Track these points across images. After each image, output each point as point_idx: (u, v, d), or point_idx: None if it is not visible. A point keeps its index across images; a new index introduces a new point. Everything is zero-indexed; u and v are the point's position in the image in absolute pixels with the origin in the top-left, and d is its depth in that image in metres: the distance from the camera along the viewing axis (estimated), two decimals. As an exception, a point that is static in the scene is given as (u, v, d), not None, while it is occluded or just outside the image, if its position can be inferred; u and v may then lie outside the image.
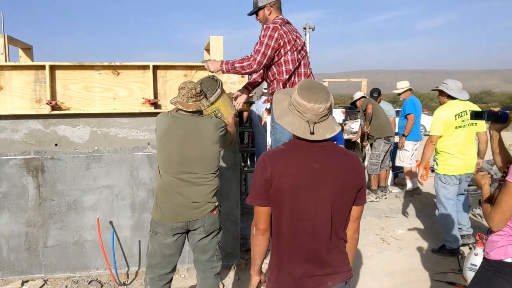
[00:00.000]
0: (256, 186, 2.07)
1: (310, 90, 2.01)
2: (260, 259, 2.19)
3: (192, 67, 4.44)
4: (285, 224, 2.05)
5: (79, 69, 4.27)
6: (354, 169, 2.09)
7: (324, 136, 2.02)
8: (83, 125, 4.32)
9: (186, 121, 3.23)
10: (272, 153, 2.09)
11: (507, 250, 2.32)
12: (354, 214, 2.15)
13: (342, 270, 2.11)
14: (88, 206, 4.35)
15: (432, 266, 4.73)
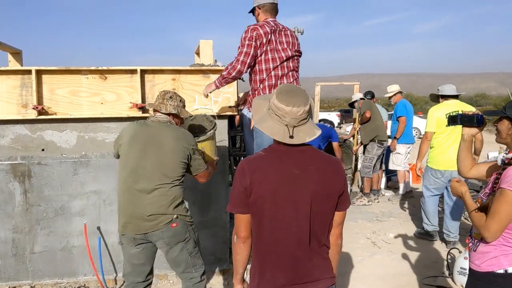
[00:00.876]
0: (236, 194, 2.04)
1: (289, 93, 1.99)
2: (242, 267, 2.16)
3: (180, 71, 4.41)
4: (266, 231, 2.02)
5: (65, 74, 4.24)
6: (335, 174, 2.06)
7: (304, 139, 1.99)
8: (70, 130, 4.29)
9: (152, 128, 3.11)
10: (251, 160, 2.06)
11: (499, 261, 2.22)
12: (337, 219, 2.12)
13: (325, 277, 2.08)
14: (76, 211, 4.32)
15: (422, 270, 4.72)
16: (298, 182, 1.98)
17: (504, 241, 2.21)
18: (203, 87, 4.44)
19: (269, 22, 3.97)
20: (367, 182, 7.88)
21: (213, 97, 4.47)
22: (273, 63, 3.95)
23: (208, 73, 4.46)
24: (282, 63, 3.99)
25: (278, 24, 4.04)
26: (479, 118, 2.43)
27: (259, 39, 3.86)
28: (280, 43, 3.98)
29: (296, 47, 4.11)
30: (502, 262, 2.21)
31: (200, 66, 4.52)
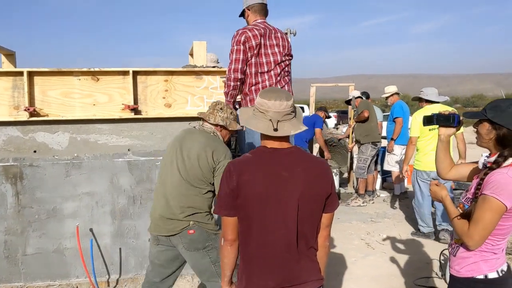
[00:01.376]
0: (223, 196, 2.04)
1: (271, 90, 2.06)
2: (229, 270, 2.16)
3: (173, 72, 4.41)
4: (253, 234, 2.02)
5: (58, 75, 4.23)
6: (322, 175, 2.06)
7: (289, 132, 2.01)
8: (62, 132, 4.28)
9: (193, 135, 3.16)
10: (238, 162, 2.07)
11: (479, 267, 2.17)
12: (324, 221, 2.12)
13: (312, 279, 2.08)
14: (68, 213, 4.31)
15: (415, 271, 4.72)
16: (285, 184, 1.98)
17: (485, 247, 2.15)
18: (195, 89, 4.45)
19: (258, 24, 3.96)
20: (362, 183, 7.88)
21: (205, 98, 4.47)
22: (265, 66, 3.94)
23: (200, 74, 4.46)
24: (274, 67, 3.98)
25: (268, 26, 4.01)
26: (455, 117, 2.37)
27: (249, 42, 3.84)
28: (271, 46, 3.96)
29: (286, 50, 4.08)
30: (482, 268, 2.16)
31: (193, 67, 4.52)
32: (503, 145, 2.13)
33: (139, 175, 4.38)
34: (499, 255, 2.17)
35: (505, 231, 2.12)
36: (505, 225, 2.10)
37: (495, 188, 2.04)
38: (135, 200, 4.39)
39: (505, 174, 2.05)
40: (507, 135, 2.10)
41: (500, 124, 2.11)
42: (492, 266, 2.16)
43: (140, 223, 4.41)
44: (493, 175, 2.07)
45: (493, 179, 2.06)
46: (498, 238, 2.14)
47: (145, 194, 4.40)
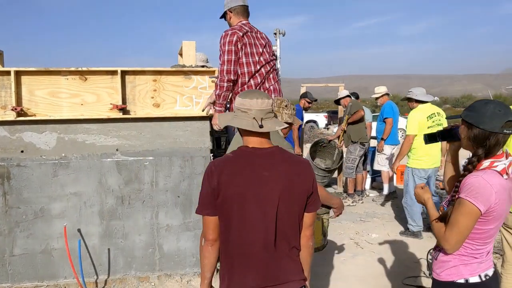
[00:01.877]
0: (204, 195, 2.03)
1: (250, 91, 2.08)
2: (210, 271, 2.12)
3: (161, 72, 4.40)
4: (234, 233, 2.01)
5: (45, 75, 4.20)
6: (303, 175, 2.06)
7: (273, 128, 2.03)
8: (49, 132, 4.25)
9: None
10: (219, 161, 2.06)
11: (459, 270, 2.14)
12: (307, 221, 2.12)
13: (294, 279, 2.07)
14: (56, 214, 4.28)
15: (403, 270, 4.75)
16: (266, 183, 1.98)
17: (463, 251, 2.12)
18: (184, 88, 4.44)
19: (244, 25, 3.98)
20: (351, 183, 7.92)
21: (194, 98, 4.47)
22: (253, 66, 3.97)
23: (189, 74, 4.45)
24: (263, 66, 4.00)
25: (253, 27, 4.06)
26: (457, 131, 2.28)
27: (240, 42, 3.86)
28: (257, 46, 4.00)
29: (270, 49, 4.14)
30: (462, 272, 2.13)
31: (182, 67, 4.51)
32: (476, 144, 2.10)
33: (128, 175, 4.36)
34: (481, 260, 2.13)
35: (484, 235, 2.09)
36: (483, 229, 2.07)
37: (470, 191, 2.02)
38: (124, 200, 4.37)
39: (480, 177, 2.02)
40: (478, 133, 2.07)
41: (470, 123, 2.09)
42: (474, 271, 2.13)
43: (129, 223, 4.40)
44: (469, 178, 2.05)
45: (468, 182, 2.04)
46: (477, 243, 2.10)
47: (133, 194, 4.38)
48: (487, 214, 2.02)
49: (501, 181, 2.03)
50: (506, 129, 2.03)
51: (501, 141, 2.06)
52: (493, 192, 1.99)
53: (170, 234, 4.49)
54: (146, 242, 4.45)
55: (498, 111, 2.03)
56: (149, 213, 4.43)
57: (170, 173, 4.43)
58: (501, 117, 2.02)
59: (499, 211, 2.03)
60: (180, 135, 4.49)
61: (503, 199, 2.03)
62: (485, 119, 2.04)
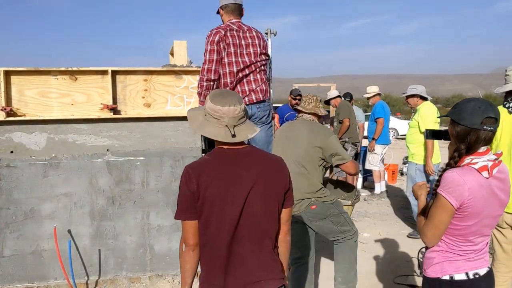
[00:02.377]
0: (183, 200, 2.01)
1: (222, 95, 2.02)
2: (190, 277, 2.11)
3: (152, 72, 4.38)
4: (214, 235, 2.00)
5: (35, 74, 4.17)
6: (279, 171, 2.10)
7: (246, 137, 2.03)
8: (39, 132, 4.22)
9: (297, 124, 3.72)
10: (196, 164, 2.05)
11: (443, 267, 2.15)
12: (284, 216, 2.14)
13: (274, 277, 2.08)
14: (46, 214, 4.25)
15: (395, 269, 4.77)
16: (244, 182, 1.99)
17: (447, 247, 2.14)
18: (175, 88, 4.43)
19: (232, 23, 3.97)
20: (343, 182, 7.93)
21: (185, 98, 4.46)
22: (237, 66, 3.96)
23: (180, 73, 4.44)
24: (247, 66, 3.99)
25: (242, 25, 4.03)
26: None
27: (222, 41, 3.86)
28: (246, 45, 3.98)
29: (261, 49, 4.08)
30: (446, 269, 2.14)
31: (173, 67, 4.50)
32: (458, 140, 2.13)
33: (118, 175, 4.34)
34: (468, 257, 2.13)
35: (464, 232, 2.09)
36: (461, 225, 2.07)
37: (444, 185, 2.05)
38: (114, 200, 4.35)
39: (455, 172, 2.05)
40: (460, 130, 2.11)
41: (453, 119, 2.13)
42: (459, 268, 2.13)
43: (120, 224, 4.38)
44: (446, 173, 2.09)
45: (444, 177, 2.08)
46: (459, 239, 2.11)
47: (124, 194, 4.36)
48: (461, 210, 2.03)
49: (478, 178, 2.04)
50: (487, 126, 2.05)
51: (482, 138, 2.07)
52: (466, 188, 2.00)
53: (161, 235, 4.47)
54: (137, 242, 4.43)
55: (478, 108, 2.06)
56: (140, 214, 4.42)
57: (161, 173, 4.42)
58: (481, 113, 2.05)
59: (475, 207, 2.03)
60: (171, 135, 4.48)
61: (479, 196, 2.03)
62: (466, 116, 2.07)
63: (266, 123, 4.13)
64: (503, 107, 3.26)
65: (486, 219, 2.09)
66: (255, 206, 2.00)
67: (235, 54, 3.91)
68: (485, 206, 2.06)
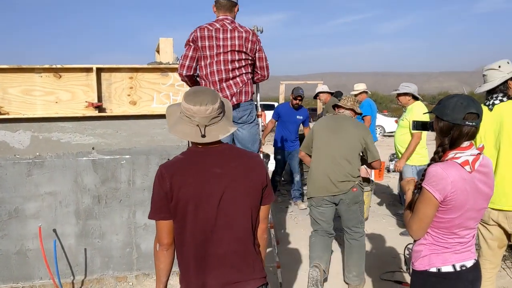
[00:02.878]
0: (157, 200, 1.99)
1: (195, 93, 1.98)
2: (165, 276, 2.10)
3: (138, 69, 4.35)
4: (190, 234, 1.98)
5: (18, 72, 4.11)
6: (256, 168, 2.07)
7: (217, 137, 1.99)
8: (23, 130, 4.16)
9: (339, 118, 4.32)
10: (169, 164, 2.03)
11: (430, 260, 2.18)
12: (262, 214, 2.13)
13: (255, 277, 2.06)
14: (31, 214, 4.20)
15: (381, 265, 4.80)
16: (219, 181, 1.97)
17: (433, 240, 2.18)
18: (161, 86, 4.40)
19: (217, 21, 3.88)
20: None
21: (171, 95, 4.43)
22: (209, 67, 3.85)
23: (166, 71, 4.42)
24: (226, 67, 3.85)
25: (226, 24, 3.86)
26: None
27: (201, 41, 3.79)
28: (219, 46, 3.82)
29: (245, 49, 3.89)
30: (433, 261, 2.17)
31: (158, 64, 4.47)
32: (442, 135, 2.18)
33: (104, 174, 4.30)
34: (454, 250, 2.16)
35: (448, 224, 2.13)
36: (445, 218, 2.11)
37: (427, 179, 2.10)
38: (100, 199, 4.31)
39: (438, 166, 2.10)
40: (443, 126, 2.16)
41: (437, 115, 2.19)
42: (446, 260, 2.16)
43: (106, 223, 4.34)
44: (430, 167, 2.14)
45: (428, 171, 2.13)
46: (444, 232, 2.15)
47: (110, 193, 4.32)
48: (445, 203, 2.07)
49: (460, 172, 2.08)
50: (469, 121, 2.09)
51: (465, 133, 2.11)
52: (449, 182, 2.04)
53: (148, 233, 4.44)
54: (124, 241, 4.40)
55: (460, 104, 2.10)
56: (127, 212, 4.38)
57: (147, 172, 4.39)
58: (463, 109, 2.09)
59: (458, 200, 2.07)
60: (157, 133, 4.45)
61: (462, 189, 2.07)
62: (448, 111, 2.12)
63: (248, 122, 4.05)
64: (484, 105, 3.29)
65: (469, 212, 2.12)
66: (231, 204, 1.97)
67: (211, 56, 3.82)
68: (468, 199, 2.09)
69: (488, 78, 3.31)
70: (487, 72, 3.32)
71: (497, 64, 3.27)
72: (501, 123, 3.16)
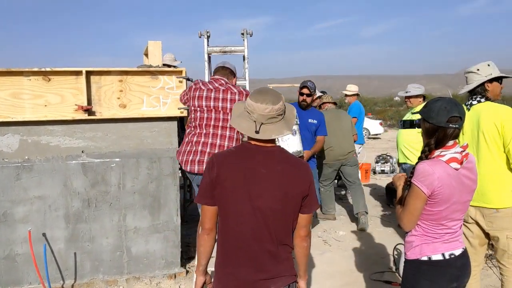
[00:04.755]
0: (203, 185, 2.11)
1: (260, 92, 2.07)
2: (205, 259, 2.20)
3: (128, 72, 4.35)
4: (229, 225, 2.08)
5: (6, 75, 4.07)
6: (300, 176, 2.11)
7: (270, 136, 2.05)
8: (12, 134, 4.13)
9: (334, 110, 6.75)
10: (221, 154, 2.15)
11: (422, 249, 2.34)
12: (300, 221, 2.16)
13: (284, 274, 2.12)
14: (19, 218, 4.16)
15: (371, 266, 4.84)
16: (261, 180, 2.04)
17: (424, 231, 2.34)
18: (151, 89, 4.41)
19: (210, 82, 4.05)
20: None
21: (162, 98, 4.43)
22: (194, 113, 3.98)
23: (156, 74, 4.42)
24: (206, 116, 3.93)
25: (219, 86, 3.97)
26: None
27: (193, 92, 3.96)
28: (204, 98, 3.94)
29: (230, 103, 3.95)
30: (424, 250, 2.34)
31: (148, 67, 4.47)
32: (428, 136, 2.36)
33: (94, 177, 4.28)
34: (443, 240, 2.33)
35: (436, 216, 2.30)
36: (433, 210, 2.28)
37: (416, 176, 2.28)
38: (90, 203, 4.29)
39: (425, 163, 2.27)
40: (428, 127, 2.34)
41: (423, 117, 2.37)
42: (436, 249, 2.33)
43: (96, 226, 4.32)
44: (418, 165, 2.31)
45: (416, 168, 2.30)
46: (433, 224, 2.32)
47: (100, 196, 4.30)
48: (433, 197, 2.25)
49: (446, 169, 2.26)
50: (452, 124, 2.27)
51: (448, 134, 2.29)
52: (435, 177, 2.22)
53: (139, 237, 4.43)
54: (114, 245, 4.38)
55: (444, 108, 2.28)
56: (117, 216, 4.37)
57: (137, 175, 4.38)
58: (447, 113, 2.27)
59: (444, 194, 2.24)
60: (147, 136, 4.45)
61: (447, 184, 2.24)
62: (433, 115, 2.30)
63: None
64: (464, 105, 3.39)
65: (455, 205, 2.30)
66: (268, 204, 2.03)
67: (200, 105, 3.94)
68: (454, 192, 2.27)
69: (468, 81, 3.47)
70: (468, 75, 3.48)
71: (476, 67, 3.41)
72: (477, 123, 3.27)
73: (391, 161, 10.69)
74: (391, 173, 10.48)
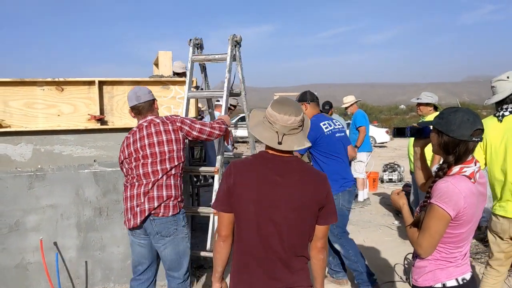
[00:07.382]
0: (221, 192, 2.14)
1: (282, 103, 2.07)
2: (221, 266, 2.22)
3: (140, 82, 4.39)
4: (244, 233, 2.09)
5: (20, 85, 4.13)
6: (317, 187, 2.10)
7: (292, 147, 2.05)
8: (25, 143, 4.16)
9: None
10: (239, 162, 2.16)
11: (435, 275, 2.17)
12: (317, 233, 2.15)
13: (300, 285, 2.11)
14: (31, 227, 4.19)
15: (379, 275, 4.81)
16: (277, 189, 2.04)
17: (438, 256, 2.16)
18: (162, 98, 4.44)
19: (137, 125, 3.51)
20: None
21: (173, 108, 4.47)
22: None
23: (167, 84, 4.45)
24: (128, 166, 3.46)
25: (143, 125, 3.44)
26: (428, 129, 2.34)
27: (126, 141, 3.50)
28: (133, 142, 3.46)
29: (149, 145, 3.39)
30: (438, 276, 2.16)
31: (160, 77, 4.51)
32: (446, 151, 2.14)
33: (105, 186, 4.31)
34: (457, 263, 2.17)
35: (456, 239, 2.12)
36: (454, 233, 2.10)
37: (439, 196, 2.05)
38: (102, 211, 4.31)
39: (449, 182, 2.06)
40: (448, 141, 2.11)
41: (441, 130, 2.13)
42: (450, 274, 2.16)
43: (107, 235, 4.34)
44: (439, 184, 2.09)
45: (437, 188, 2.08)
46: (450, 247, 2.14)
47: (111, 205, 4.33)
48: (457, 219, 2.06)
49: (469, 186, 2.07)
50: (475, 137, 2.07)
51: (471, 149, 2.11)
52: (461, 197, 2.03)
53: (149, 245, 4.44)
54: (125, 253, 4.40)
55: (467, 120, 2.07)
56: (128, 224, 4.38)
57: (148, 184, 4.39)
58: (470, 126, 2.07)
59: (469, 215, 2.07)
60: (158, 145, 4.47)
61: (472, 203, 2.06)
62: (454, 127, 2.08)
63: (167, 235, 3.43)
64: (493, 116, 3.34)
65: (475, 225, 2.15)
66: (282, 214, 2.04)
67: (129, 152, 3.47)
68: (475, 212, 2.11)
69: (497, 90, 3.29)
70: (496, 84, 3.30)
71: (506, 75, 3.26)
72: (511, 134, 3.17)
73: (399, 169, 10.68)
74: (398, 181, 10.46)
